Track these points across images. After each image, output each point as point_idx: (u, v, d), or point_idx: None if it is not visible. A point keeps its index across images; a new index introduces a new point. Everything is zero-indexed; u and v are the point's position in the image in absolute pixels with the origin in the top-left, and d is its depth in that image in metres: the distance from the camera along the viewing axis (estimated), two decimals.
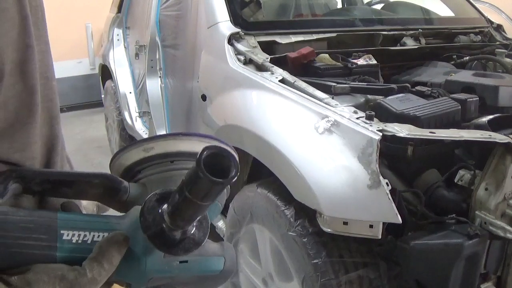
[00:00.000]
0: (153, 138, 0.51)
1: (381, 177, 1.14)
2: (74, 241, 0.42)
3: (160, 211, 0.42)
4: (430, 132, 1.21)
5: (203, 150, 0.37)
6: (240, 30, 1.84)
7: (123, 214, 0.47)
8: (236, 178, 0.38)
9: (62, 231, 0.42)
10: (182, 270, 0.46)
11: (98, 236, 0.43)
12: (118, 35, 3.47)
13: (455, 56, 2.15)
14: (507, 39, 2.50)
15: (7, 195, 0.42)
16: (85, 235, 0.43)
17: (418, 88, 1.60)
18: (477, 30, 2.46)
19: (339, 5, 3.04)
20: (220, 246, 0.50)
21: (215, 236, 1.99)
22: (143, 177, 0.51)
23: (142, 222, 0.42)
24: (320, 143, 1.29)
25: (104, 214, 0.51)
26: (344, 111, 1.32)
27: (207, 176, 0.36)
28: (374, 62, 1.85)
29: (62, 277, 0.39)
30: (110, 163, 0.53)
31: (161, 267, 0.45)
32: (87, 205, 0.59)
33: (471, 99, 1.49)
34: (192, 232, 0.44)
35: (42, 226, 0.41)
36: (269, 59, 1.70)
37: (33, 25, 0.51)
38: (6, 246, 0.39)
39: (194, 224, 0.44)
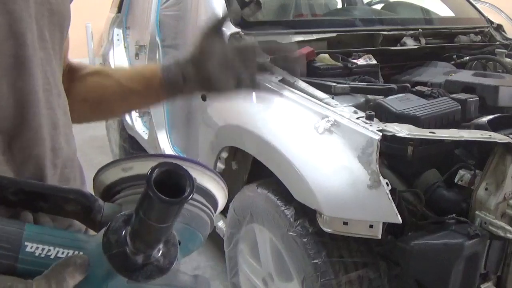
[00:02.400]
0: (133, 158, 0.49)
1: (381, 177, 1.14)
2: (37, 254, 0.41)
3: (124, 232, 0.40)
4: (430, 132, 1.21)
5: (155, 167, 0.35)
6: (240, 30, 1.83)
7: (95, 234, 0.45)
8: (190, 197, 0.35)
9: (26, 243, 0.41)
10: None
11: (63, 252, 0.42)
12: (118, 35, 3.46)
13: (455, 56, 2.14)
14: (507, 39, 2.49)
15: None
16: (49, 250, 0.41)
17: (418, 88, 1.59)
18: (477, 30, 2.46)
19: (339, 5, 3.03)
20: (193, 279, 0.48)
21: (215, 238, 1.99)
22: (122, 197, 0.49)
23: (105, 242, 0.40)
24: (320, 143, 1.29)
25: (77, 231, 0.50)
26: (344, 111, 1.32)
27: (158, 196, 0.34)
28: (374, 62, 1.85)
29: None
30: (93, 181, 0.52)
31: None
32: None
33: (471, 99, 1.49)
34: (156, 258, 0.41)
35: (6, 235, 0.40)
36: (269, 59, 1.69)
37: (42, 28, 0.50)
38: None
39: (161, 249, 0.41)
